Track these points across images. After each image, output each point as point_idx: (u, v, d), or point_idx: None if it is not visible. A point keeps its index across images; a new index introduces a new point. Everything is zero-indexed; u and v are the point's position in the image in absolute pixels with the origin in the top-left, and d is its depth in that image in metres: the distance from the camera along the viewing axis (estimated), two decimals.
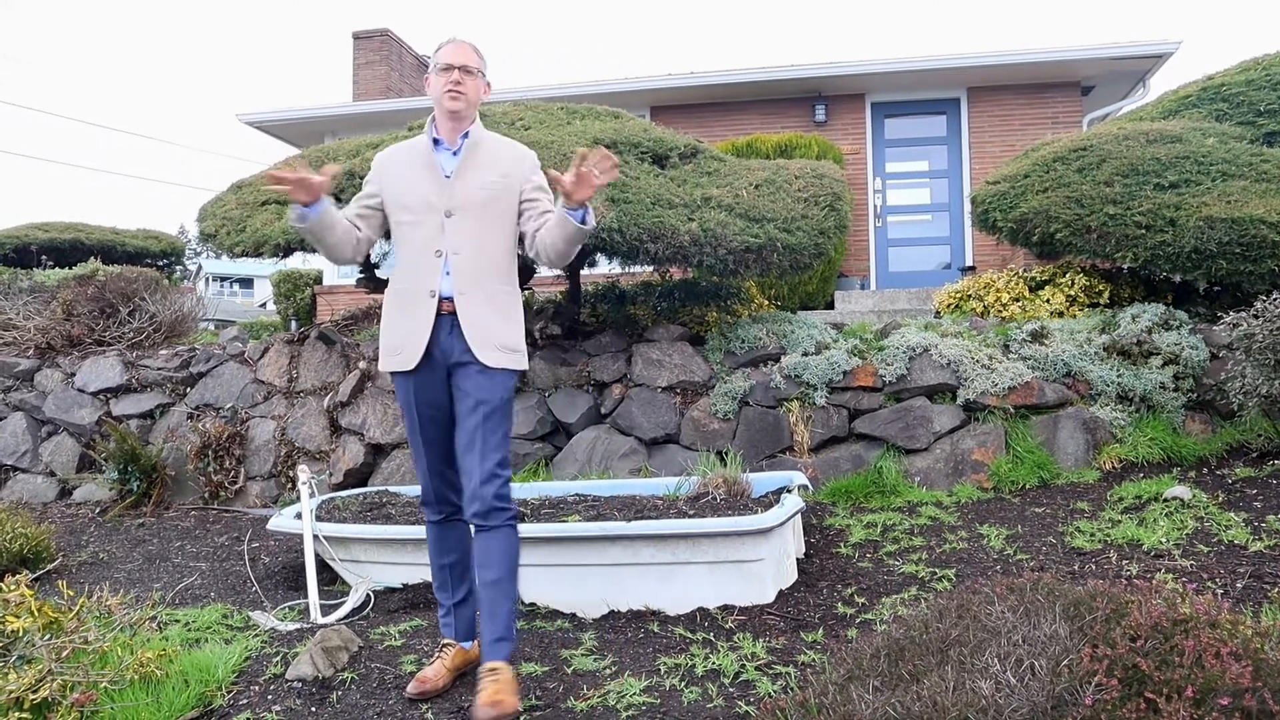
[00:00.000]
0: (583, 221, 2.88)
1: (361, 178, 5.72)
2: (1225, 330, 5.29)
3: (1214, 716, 1.79)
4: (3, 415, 7.45)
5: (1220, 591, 3.48)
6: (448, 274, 2.96)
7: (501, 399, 2.99)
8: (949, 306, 7.57)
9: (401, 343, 3.00)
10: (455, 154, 3.04)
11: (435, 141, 3.07)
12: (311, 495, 4.54)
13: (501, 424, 3.00)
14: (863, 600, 3.82)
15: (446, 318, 2.96)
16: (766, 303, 7.62)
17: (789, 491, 4.38)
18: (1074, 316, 6.66)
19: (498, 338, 2.99)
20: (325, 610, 3.97)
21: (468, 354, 2.95)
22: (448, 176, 3.00)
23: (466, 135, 3.05)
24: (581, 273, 7.00)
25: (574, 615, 3.87)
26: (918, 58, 11.07)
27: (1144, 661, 1.93)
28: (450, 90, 2.98)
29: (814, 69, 11.26)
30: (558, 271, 6.57)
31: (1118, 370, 5.63)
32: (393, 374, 3.07)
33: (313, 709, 2.91)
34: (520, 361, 3.06)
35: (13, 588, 3.09)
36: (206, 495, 6.58)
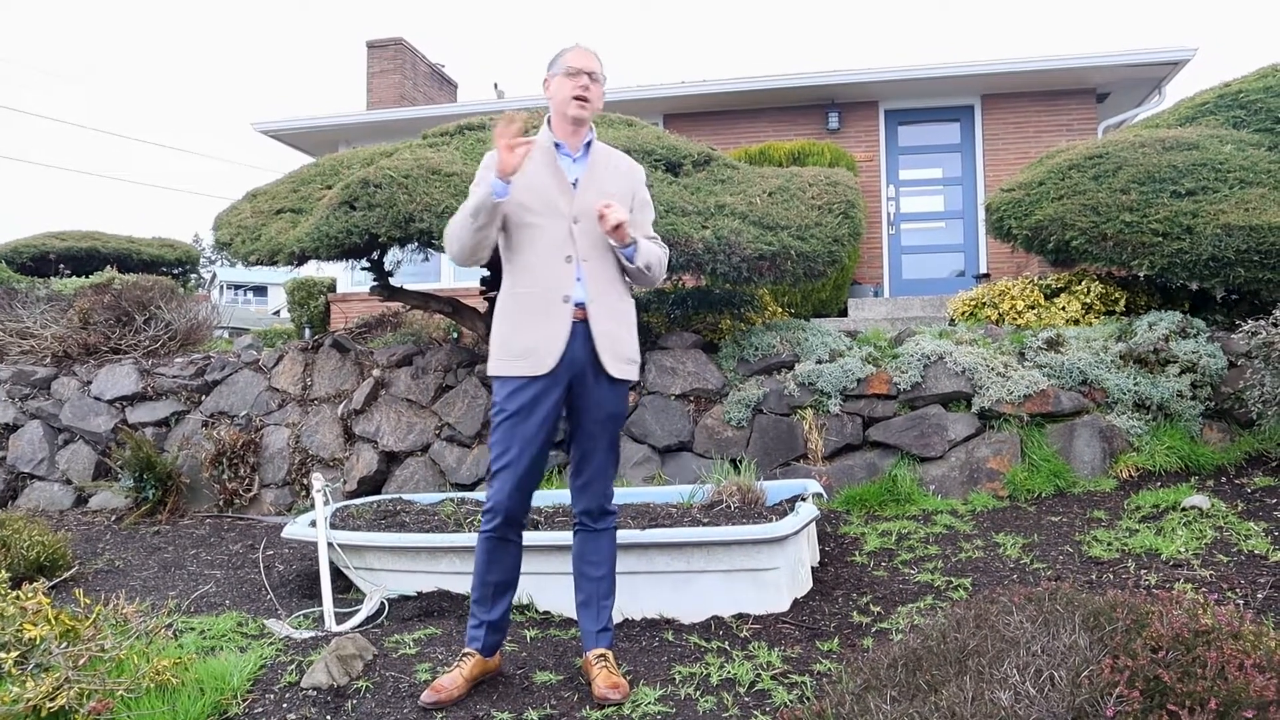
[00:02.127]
0: (629, 260, 3.01)
1: (377, 186, 5.75)
2: (1243, 338, 5.25)
3: None
4: (20, 423, 7.50)
5: (1241, 602, 3.45)
6: (579, 280, 2.98)
7: (625, 410, 3.16)
8: (963, 314, 7.54)
9: (532, 347, 2.95)
10: (576, 160, 3.07)
11: (556, 145, 3.06)
12: (326, 503, 4.55)
13: (619, 432, 3.17)
14: (878, 609, 3.80)
15: (579, 325, 2.97)
16: (780, 310, 7.61)
17: (803, 500, 4.36)
18: (1090, 324, 6.62)
19: (623, 348, 3.05)
20: (340, 618, 3.97)
21: (597, 365, 2.99)
22: (574, 183, 3.02)
23: (589, 145, 3.09)
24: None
25: None
26: (931, 65, 11.05)
27: (1166, 673, 1.91)
28: (578, 97, 2.99)
29: (827, 76, 11.26)
30: None
31: (1134, 378, 5.59)
32: (505, 379, 2.99)
33: (328, 717, 2.90)
34: (637, 372, 3.13)
35: (30, 595, 3.10)
36: (221, 503, 6.60)
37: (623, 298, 3.10)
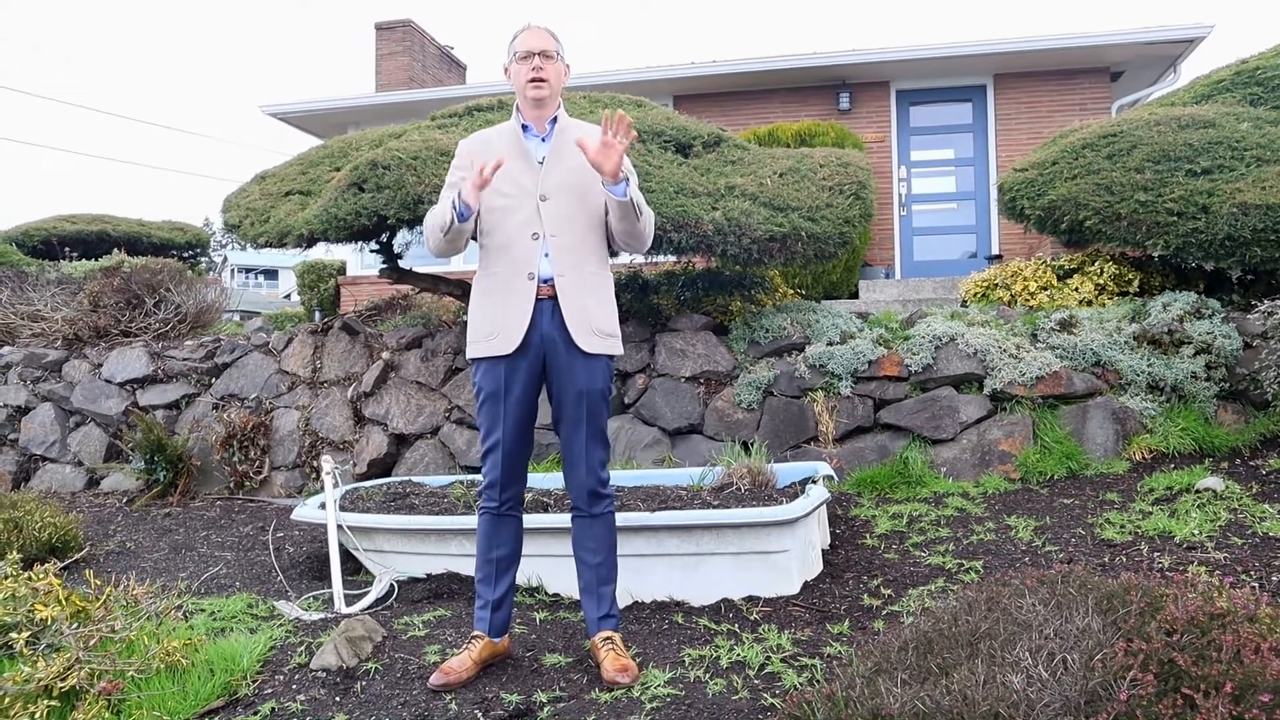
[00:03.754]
0: (623, 195, 2.92)
1: (385, 167, 5.73)
2: (1259, 319, 5.20)
3: (1254, 713, 1.75)
4: (32, 406, 7.53)
5: (1255, 584, 3.42)
6: (546, 256, 2.98)
7: (603, 387, 3.06)
8: (975, 295, 7.49)
9: (499, 326, 2.98)
10: (544, 140, 3.07)
11: (524, 127, 3.08)
12: (335, 485, 4.55)
13: (604, 412, 3.08)
14: (889, 592, 3.78)
15: (546, 302, 2.97)
16: (790, 292, 7.56)
17: (814, 482, 4.34)
18: (1103, 305, 6.57)
19: (595, 322, 3.02)
20: (349, 600, 3.97)
21: (568, 340, 2.97)
22: (540, 162, 3.03)
23: (555, 121, 3.09)
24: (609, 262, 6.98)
25: None
26: (943, 44, 10.95)
27: (1180, 656, 1.89)
28: (533, 79, 3.00)
29: (838, 56, 11.15)
30: None
31: (1148, 359, 5.54)
32: (479, 360, 3.04)
33: (337, 699, 2.91)
34: (617, 346, 3.09)
35: (41, 576, 3.11)
36: (232, 485, 6.62)
37: (596, 271, 3.06)
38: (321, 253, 12.75)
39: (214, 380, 7.27)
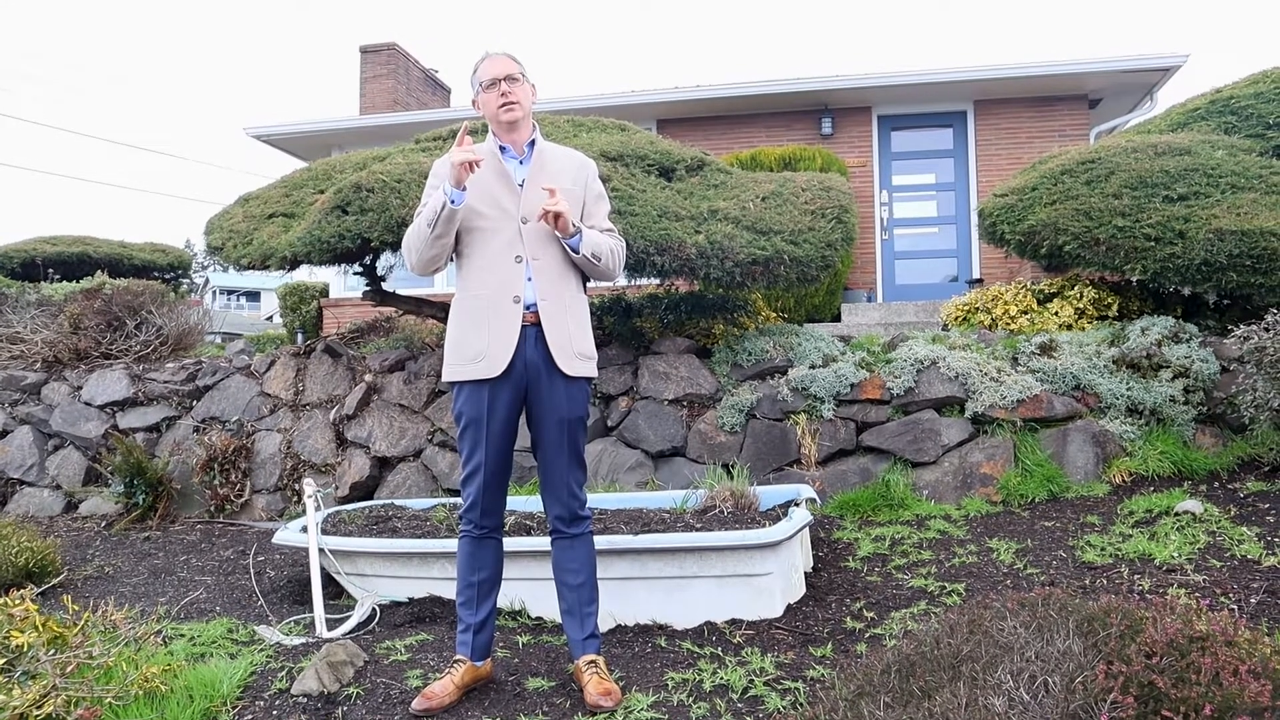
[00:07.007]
0: (574, 249, 3.00)
1: (369, 190, 5.74)
2: (1236, 343, 5.26)
3: None
4: (10, 429, 7.46)
5: (1234, 607, 3.45)
6: (530, 280, 2.99)
7: (584, 411, 3.09)
8: (957, 319, 7.54)
9: (484, 350, 2.97)
10: (522, 162, 3.10)
11: (501, 149, 3.10)
12: (317, 508, 4.53)
13: (582, 435, 3.12)
14: (872, 615, 3.79)
15: (531, 328, 2.99)
16: (773, 315, 7.60)
17: (796, 505, 4.35)
18: (1083, 329, 6.63)
19: (577, 345, 3.05)
20: (331, 624, 3.94)
21: (551, 365, 2.99)
22: (520, 184, 3.04)
23: (533, 144, 3.12)
24: (587, 285, 6.99)
25: None
26: (925, 70, 11.07)
27: (1160, 679, 1.90)
28: (504, 104, 3.02)
29: (820, 82, 11.27)
30: None
31: (1127, 383, 5.59)
32: (461, 384, 3.02)
33: None
34: (594, 368, 3.13)
35: (17, 602, 3.07)
36: (212, 508, 6.56)
37: (575, 295, 3.10)
38: (304, 275, 12.73)
39: (195, 403, 7.22)
